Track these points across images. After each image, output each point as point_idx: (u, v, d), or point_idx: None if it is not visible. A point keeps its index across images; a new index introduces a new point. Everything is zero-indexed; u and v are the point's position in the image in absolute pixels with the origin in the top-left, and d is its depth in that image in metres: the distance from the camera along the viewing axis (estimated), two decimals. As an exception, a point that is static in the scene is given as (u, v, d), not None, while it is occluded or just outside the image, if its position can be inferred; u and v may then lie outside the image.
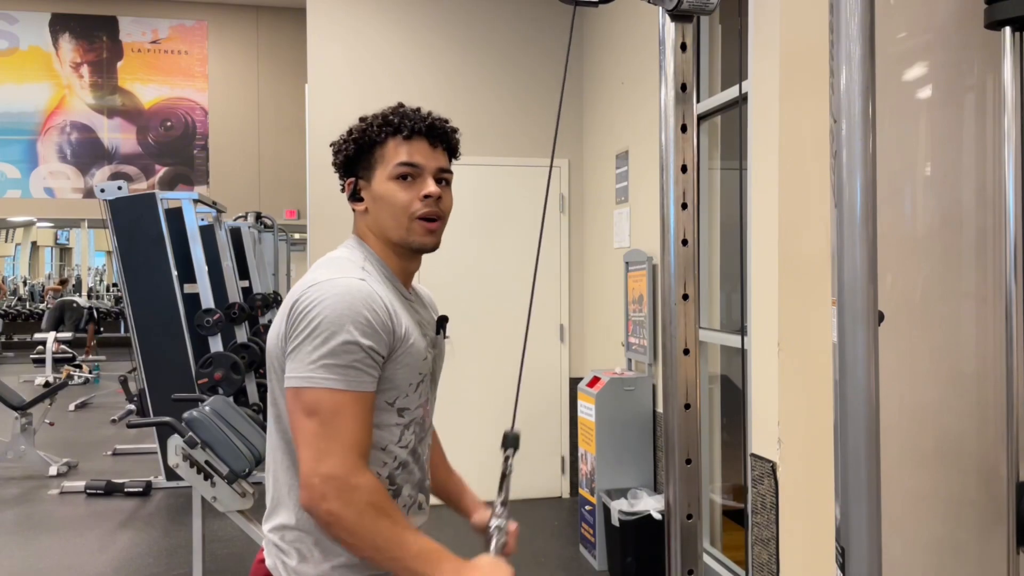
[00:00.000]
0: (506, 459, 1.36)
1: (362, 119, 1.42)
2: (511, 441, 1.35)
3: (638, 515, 3.68)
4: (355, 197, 1.42)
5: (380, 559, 1.25)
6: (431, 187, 1.37)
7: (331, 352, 1.24)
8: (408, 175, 1.37)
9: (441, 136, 1.41)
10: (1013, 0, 1.55)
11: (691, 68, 1.11)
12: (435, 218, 1.39)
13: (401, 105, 1.42)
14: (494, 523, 1.39)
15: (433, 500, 1.54)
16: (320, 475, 1.22)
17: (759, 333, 2.94)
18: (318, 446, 1.23)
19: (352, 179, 1.42)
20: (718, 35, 3.82)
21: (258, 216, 8.59)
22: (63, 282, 16.91)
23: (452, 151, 1.45)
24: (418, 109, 1.42)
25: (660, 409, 4.16)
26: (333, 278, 1.30)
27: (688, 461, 1.12)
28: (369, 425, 1.28)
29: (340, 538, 1.24)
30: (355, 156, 1.41)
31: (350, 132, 1.42)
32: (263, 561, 1.39)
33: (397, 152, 1.38)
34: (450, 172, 1.43)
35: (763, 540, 2.91)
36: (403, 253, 1.41)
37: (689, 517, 1.12)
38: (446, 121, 1.44)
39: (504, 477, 1.36)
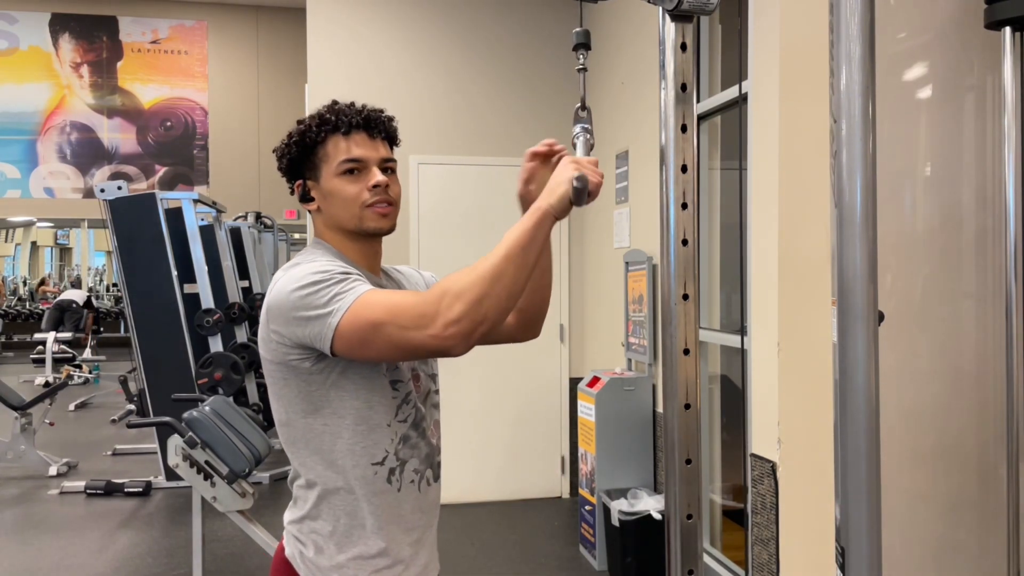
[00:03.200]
0: (578, 57, 1.32)
1: (299, 121, 1.45)
2: (581, 36, 1.32)
3: (638, 515, 3.68)
4: (305, 198, 1.45)
5: (506, 273, 1.20)
6: (378, 177, 1.40)
7: (329, 287, 1.26)
8: (353, 169, 1.40)
9: (378, 127, 1.43)
10: (1013, 0, 1.55)
11: (691, 68, 1.11)
12: (386, 203, 1.41)
13: (335, 102, 1.44)
14: (577, 127, 1.36)
15: (444, 500, 1.53)
16: (422, 334, 1.20)
17: (759, 333, 2.94)
18: (396, 323, 1.22)
19: (300, 181, 1.45)
20: (718, 35, 3.81)
21: (258, 216, 8.58)
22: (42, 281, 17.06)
23: (391, 140, 1.47)
24: (352, 104, 1.44)
25: (660, 409, 4.16)
26: (293, 268, 1.35)
27: (688, 461, 1.12)
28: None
29: (480, 312, 1.19)
30: (298, 158, 1.44)
31: (290, 136, 1.44)
32: (283, 550, 1.43)
33: (338, 149, 1.40)
34: (393, 161, 1.45)
35: (763, 540, 2.92)
36: (360, 239, 1.44)
37: (689, 517, 1.12)
38: (382, 111, 1.46)
39: (582, 72, 1.31)
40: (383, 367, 1.37)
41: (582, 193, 1.21)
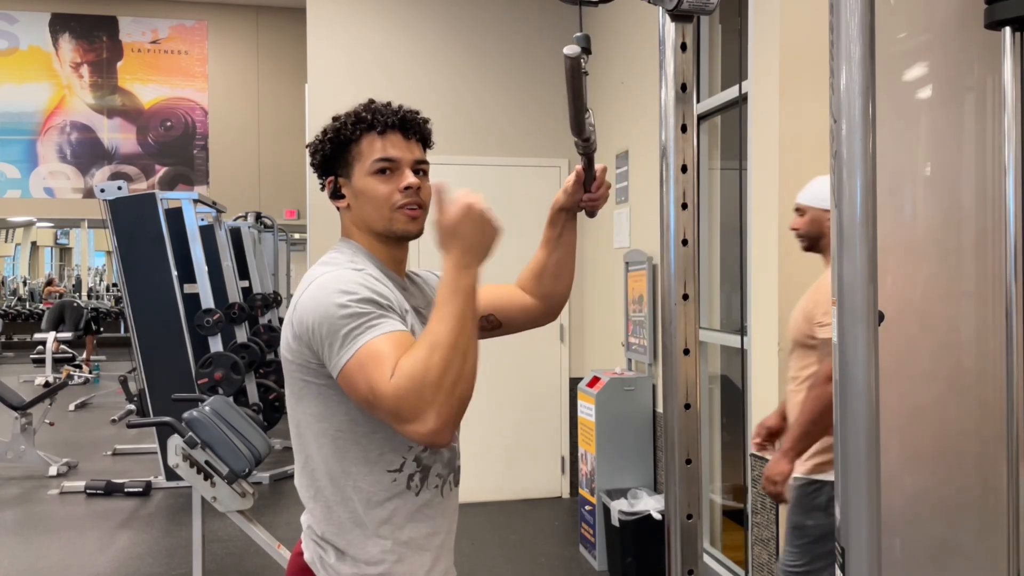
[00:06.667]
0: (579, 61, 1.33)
1: (335, 118, 1.43)
2: (582, 40, 1.32)
3: (638, 515, 3.67)
4: (336, 195, 1.44)
5: (469, 348, 1.22)
6: (410, 179, 1.39)
7: (348, 319, 1.25)
8: (386, 169, 1.39)
9: (414, 128, 1.42)
10: (1013, 0, 1.55)
11: (691, 68, 1.11)
12: (416, 207, 1.40)
13: (372, 101, 1.43)
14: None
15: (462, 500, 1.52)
16: (408, 428, 1.19)
17: (759, 333, 2.94)
18: (382, 407, 1.21)
19: (331, 178, 1.44)
20: (718, 35, 3.82)
21: (258, 216, 8.59)
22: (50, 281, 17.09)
23: (425, 142, 1.46)
24: (389, 104, 1.43)
25: (660, 409, 4.16)
26: (325, 273, 1.33)
27: (688, 461, 1.12)
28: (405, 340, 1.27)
29: (456, 397, 1.20)
30: (332, 155, 1.43)
31: (324, 132, 1.43)
32: (302, 554, 1.41)
33: (372, 148, 1.39)
34: (426, 163, 1.44)
35: (763, 540, 2.92)
36: (389, 242, 1.43)
37: (689, 517, 1.12)
38: (417, 112, 1.45)
39: (583, 77, 1.34)
40: None
41: (577, 69, 1.19)
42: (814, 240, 2.44)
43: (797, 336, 2.44)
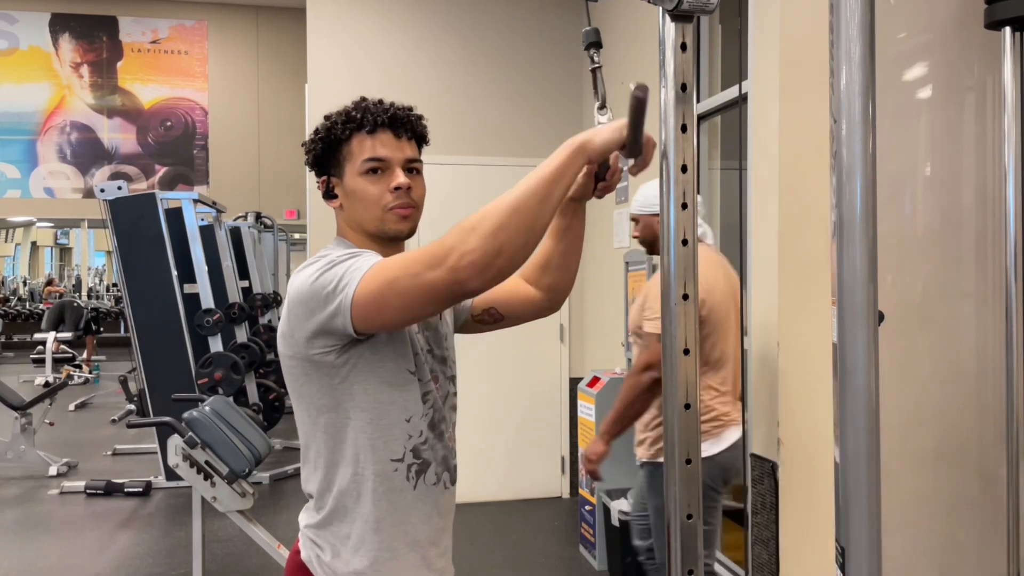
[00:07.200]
0: (591, 57, 1.31)
1: (326, 117, 1.42)
2: (592, 35, 1.32)
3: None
4: (329, 195, 1.43)
5: (526, 205, 1.16)
6: (400, 179, 1.37)
7: (341, 264, 1.27)
8: (376, 169, 1.37)
9: (405, 126, 1.40)
10: (1013, 0, 1.55)
11: (691, 68, 1.11)
12: (407, 207, 1.39)
13: (363, 99, 1.41)
14: (600, 118, 1.35)
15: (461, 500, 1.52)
16: (436, 272, 1.17)
17: (759, 333, 2.94)
18: (409, 272, 1.20)
19: (324, 177, 1.43)
20: (718, 35, 3.82)
21: (258, 216, 8.59)
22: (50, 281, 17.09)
23: (419, 139, 1.44)
24: (380, 101, 1.41)
25: (660, 409, 4.16)
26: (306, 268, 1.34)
27: (688, 461, 1.12)
28: None
29: (496, 243, 1.14)
30: (323, 155, 1.41)
31: (316, 131, 1.42)
32: (299, 553, 1.41)
33: (362, 147, 1.37)
34: (419, 161, 1.43)
35: (763, 540, 2.92)
36: (382, 241, 1.42)
37: (689, 517, 1.12)
38: (410, 110, 1.43)
39: (597, 71, 1.32)
40: (407, 361, 1.36)
41: (642, 106, 1.16)
42: (651, 244, 2.68)
43: (632, 328, 2.70)
